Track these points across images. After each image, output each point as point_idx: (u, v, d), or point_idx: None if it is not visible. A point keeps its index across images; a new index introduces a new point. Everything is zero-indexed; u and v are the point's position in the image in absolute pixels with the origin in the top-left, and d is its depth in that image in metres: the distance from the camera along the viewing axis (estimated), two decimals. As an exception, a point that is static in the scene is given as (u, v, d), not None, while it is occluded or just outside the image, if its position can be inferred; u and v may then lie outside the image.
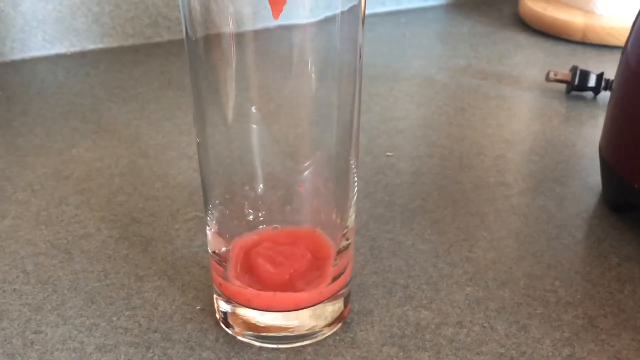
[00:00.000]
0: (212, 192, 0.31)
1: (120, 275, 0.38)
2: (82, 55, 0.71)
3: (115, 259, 0.39)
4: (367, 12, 0.85)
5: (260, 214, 0.31)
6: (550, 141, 0.53)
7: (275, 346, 0.33)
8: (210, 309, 0.35)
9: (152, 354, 0.32)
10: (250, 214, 0.31)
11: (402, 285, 0.37)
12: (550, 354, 0.32)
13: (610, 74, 0.59)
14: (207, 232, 0.32)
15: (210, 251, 0.32)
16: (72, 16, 0.70)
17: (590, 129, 0.55)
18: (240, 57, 0.28)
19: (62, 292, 0.36)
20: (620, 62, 0.42)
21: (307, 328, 0.33)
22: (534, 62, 0.70)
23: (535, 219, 0.43)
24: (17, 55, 0.69)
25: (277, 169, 0.30)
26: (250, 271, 0.31)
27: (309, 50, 0.28)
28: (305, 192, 0.30)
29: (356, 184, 0.32)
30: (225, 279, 0.31)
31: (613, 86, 0.43)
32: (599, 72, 0.60)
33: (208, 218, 0.32)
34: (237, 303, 0.31)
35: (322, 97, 0.28)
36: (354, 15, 0.28)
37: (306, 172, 0.29)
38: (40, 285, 0.37)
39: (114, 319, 0.34)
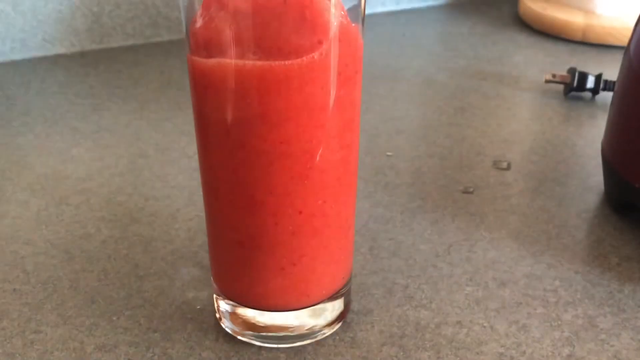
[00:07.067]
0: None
1: (120, 275, 0.38)
2: (82, 55, 0.71)
3: (115, 259, 0.39)
4: (367, 12, 0.85)
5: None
6: (550, 141, 0.53)
7: (275, 346, 0.33)
8: (210, 309, 0.35)
9: (152, 354, 0.32)
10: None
11: (402, 285, 0.37)
12: (550, 353, 0.32)
13: (610, 74, 0.59)
14: None
15: None
16: (72, 16, 0.70)
17: (589, 129, 0.55)
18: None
19: (62, 292, 0.36)
20: (623, 62, 0.42)
21: (307, 328, 0.33)
22: (533, 62, 0.70)
23: (535, 219, 0.43)
24: (17, 55, 0.69)
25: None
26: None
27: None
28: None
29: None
30: None
31: (615, 87, 0.43)
32: (598, 72, 0.60)
33: None
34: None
35: (322, 98, 0.28)
36: (354, 15, 0.28)
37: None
38: (40, 285, 0.37)
39: (114, 318, 0.34)
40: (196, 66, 0.28)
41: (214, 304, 0.35)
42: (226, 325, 0.34)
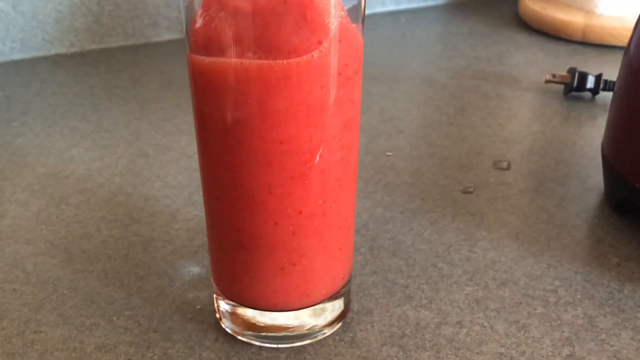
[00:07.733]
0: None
1: (120, 275, 0.38)
2: (82, 55, 0.71)
3: (115, 258, 0.39)
4: (367, 12, 0.85)
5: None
6: (550, 141, 0.53)
7: (275, 346, 0.33)
8: (210, 309, 0.35)
9: (152, 354, 0.32)
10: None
11: (402, 285, 0.37)
12: (550, 353, 0.32)
13: (610, 74, 0.59)
14: None
15: None
16: (72, 16, 0.70)
17: (589, 129, 0.55)
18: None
19: (62, 292, 0.36)
20: (623, 62, 0.42)
21: (307, 328, 0.33)
22: (533, 62, 0.70)
23: (535, 219, 0.43)
24: (17, 55, 0.69)
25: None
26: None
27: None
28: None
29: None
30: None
31: (615, 86, 0.43)
32: (598, 72, 0.60)
33: None
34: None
35: (322, 97, 0.28)
36: (354, 15, 0.28)
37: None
38: (40, 285, 0.37)
39: (114, 318, 0.34)
40: (196, 66, 0.28)
41: (214, 304, 0.35)
42: (226, 325, 0.34)
